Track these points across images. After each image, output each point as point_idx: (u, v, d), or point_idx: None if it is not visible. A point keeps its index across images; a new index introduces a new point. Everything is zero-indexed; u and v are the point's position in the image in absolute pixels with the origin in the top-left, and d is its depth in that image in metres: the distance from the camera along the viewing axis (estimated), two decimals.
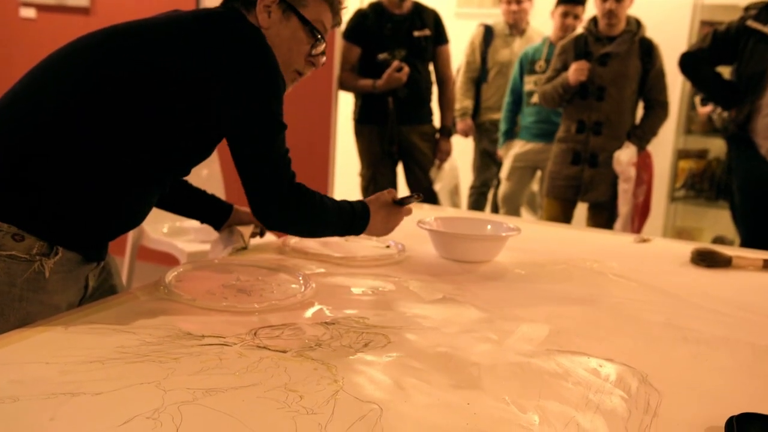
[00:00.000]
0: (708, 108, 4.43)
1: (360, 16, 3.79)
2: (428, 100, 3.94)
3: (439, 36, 3.82)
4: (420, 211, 2.51)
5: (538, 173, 4.40)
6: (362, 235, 1.68)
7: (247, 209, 1.78)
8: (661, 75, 3.53)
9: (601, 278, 1.78)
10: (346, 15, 3.80)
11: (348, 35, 3.78)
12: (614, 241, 2.28)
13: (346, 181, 4.51)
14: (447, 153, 3.94)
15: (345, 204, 1.61)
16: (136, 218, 1.47)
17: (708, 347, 1.37)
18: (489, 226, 1.96)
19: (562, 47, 3.69)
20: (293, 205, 1.48)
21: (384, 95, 3.69)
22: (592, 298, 1.62)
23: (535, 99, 4.20)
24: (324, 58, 1.56)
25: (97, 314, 1.33)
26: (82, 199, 1.35)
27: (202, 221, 1.83)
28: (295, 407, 1.03)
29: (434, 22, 3.80)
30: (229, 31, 1.38)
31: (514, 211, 4.46)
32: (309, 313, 1.42)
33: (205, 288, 1.51)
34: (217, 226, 1.84)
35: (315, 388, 1.09)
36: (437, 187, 3.97)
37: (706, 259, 1.94)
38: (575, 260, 1.93)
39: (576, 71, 3.48)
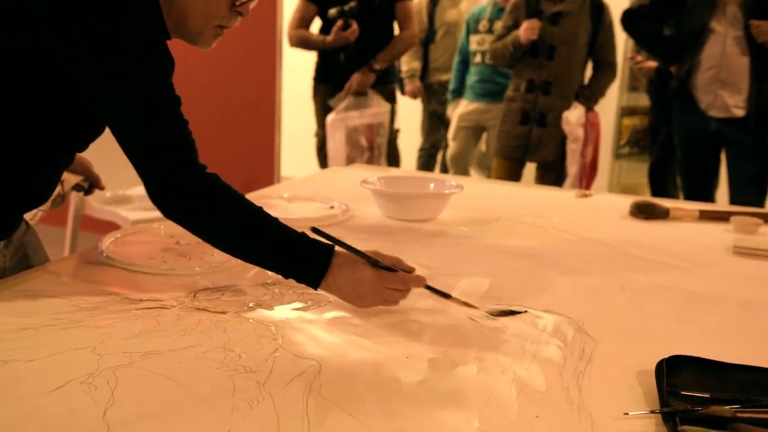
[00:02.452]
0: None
1: None
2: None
3: None
4: (364, 170, 2.50)
5: (485, 133, 4.42)
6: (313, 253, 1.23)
7: (86, 160, 1.57)
8: (610, 35, 3.54)
9: (542, 232, 1.81)
10: None
11: None
12: (557, 196, 2.30)
13: (302, 143, 4.45)
14: (357, 83, 3.62)
15: (292, 230, 1.23)
16: (32, 198, 1.32)
17: (644, 295, 1.40)
18: (432, 185, 1.96)
19: (513, 4, 3.68)
20: (194, 191, 1.19)
21: (336, 52, 3.61)
22: (532, 252, 1.64)
23: (478, 59, 4.20)
24: (253, 3, 1.30)
25: (30, 282, 1.30)
26: None
27: None
28: (233, 366, 1.03)
29: None
30: None
31: (463, 172, 4.48)
32: (250, 274, 1.41)
33: (144, 253, 1.49)
34: None
35: (254, 347, 1.09)
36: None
37: (644, 212, 1.98)
38: (518, 216, 1.95)
39: (527, 30, 3.48)
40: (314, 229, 1.25)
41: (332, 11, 3.56)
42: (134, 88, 1.15)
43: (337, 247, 1.22)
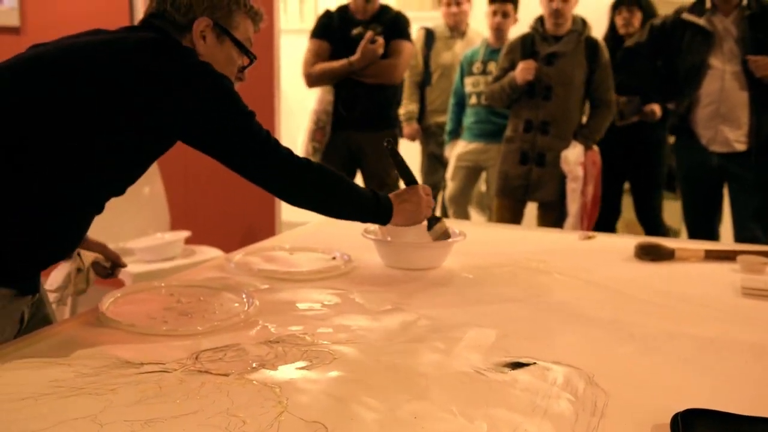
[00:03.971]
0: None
1: (326, 17, 3.75)
2: (389, 104, 3.86)
3: (392, 32, 3.72)
4: None
5: (483, 173, 4.41)
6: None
7: (98, 241, 1.66)
8: (606, 74, 3.55)
9: (546, 278, 1.79)
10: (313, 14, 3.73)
11: (315, 34, 3.74)
12: (560, 239, 2.29)
13: None
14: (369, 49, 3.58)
15: (362, 189, 1.66)
16: (70, 245, 1.44)
17: (653, 342, 1.37)
18: None
19: (509, 46, 3.70)
20: (297, 171, 1.50)
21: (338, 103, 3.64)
22: (538, 299, 1.62)
23: (474, 100, 4.22)
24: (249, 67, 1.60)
25: (30, 347, 1.28)
26: (9, 232, 1.30)
27: None
28: None
29: (392, 20, 3.72)
30: (171, 55, 1.37)
31: (462, 212, 4.47)
32: (253, 332, 1.39)
33: (144, 312, 1.46)
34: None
35: (258, 411, 1.06)
36: None
37: (649, 253, 1.96)
38: (521, 261, 1.93)
39: (523, 70, 3.50)
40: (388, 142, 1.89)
41: (356, 30, 3.56)
42: (242, 129, 1.45)
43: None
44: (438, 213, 4.90)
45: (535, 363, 1.25)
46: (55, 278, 1.61)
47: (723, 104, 3.22)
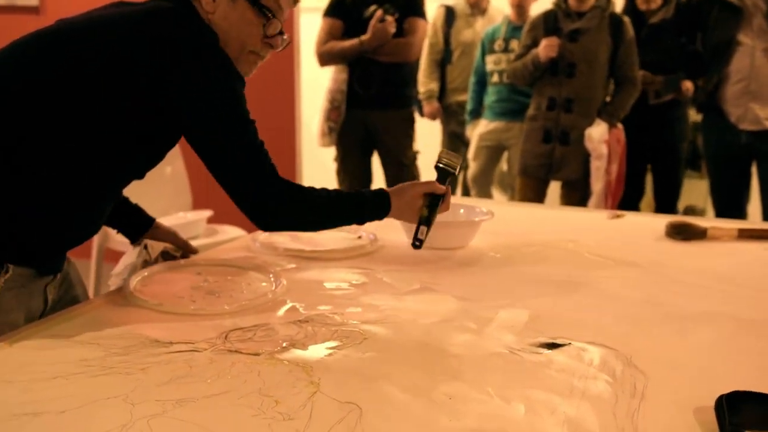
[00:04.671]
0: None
1: None
2: (406, 82, 3.81)
3: (407, 10, 3.68)
4: None
5: (505, 153, 4.37)
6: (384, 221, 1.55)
7: (169, 227, 1.67)
8: (631, 50, 3.48)
9: (578, 257, 1.76)
10: None
11: (328, 12, 3.70)
12: (588, 218, 2.25)
13: (321, 172, 4.44)
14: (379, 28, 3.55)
15: (345, 191, 1.55)
16: (90, 227, 1.40)
17: (691, 323, 1.34)
18: (461, 211, 1.92)
19: (531, 23, 3.64)
20: (285, 198, 1.38)
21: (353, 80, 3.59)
22: (570, 279, 1.59)
23: (496, 78, 4.16)
24: (283, 39, 1.45)
25: (59, 326, 1.27)
26: (28, 213, 1.28)
27: (119, 230, 1.67)
28: (270, 413, 0.98)
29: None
30: (177, 28, 1.29)
31: (484, 192, 4.43)
32: (281, 311, 1.37)
33: (172, 291, 1.45)
34: (133, 238, 1.66)
35: (291, 392, 1.05)
36: None
37: (681, 233, 1.92)
38: (550, 240, 1.89)
39: (546, 47, 3.44)
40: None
41: (370, 10, 3.52)
42: (229, 122, 1.32)
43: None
44: (460, 192, 4.88)
45: (569, 343, 1.22)
46: (120, 270, 1.58)
47: (753, 81, 3.16)
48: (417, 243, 1.53)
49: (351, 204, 1.49)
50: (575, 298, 1.48)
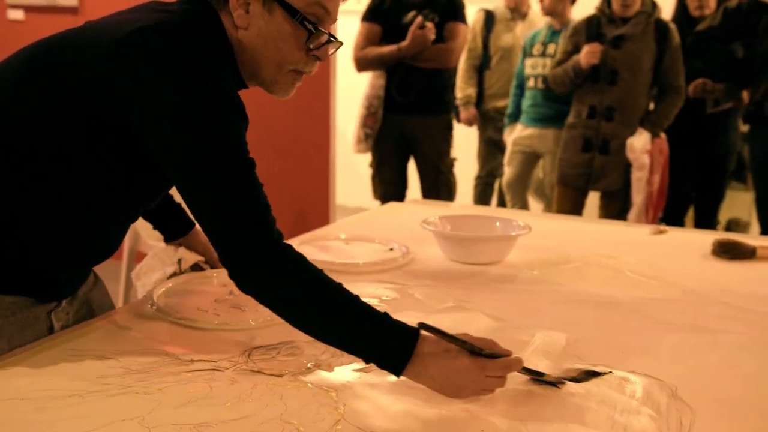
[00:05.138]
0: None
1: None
2: (445, 88, 3.73)
3: (447, 15, 3.56)
4: (422, 206, 2.41)
5: (540, 159, 4.28)
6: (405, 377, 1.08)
7: (203, 236, 1.55)
8: (676, 58, 3.37)
9: (618, 276, 1.68)
10: None
11: (367, 17, 3.65)
12: (629, 233, 2.16)
13: (355, 178, 4.40)
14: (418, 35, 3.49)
15: (374, 310, 1.11)
16: (97, 253, 1.28)
17: (740, 353, 1.26)
18: (498, 224, 1.85)
19: (573, 29, 3.56)
20: (273, 265, 1.10)
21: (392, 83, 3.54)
22: (610, 300, 1.51)
23: (531, 83, 4.09)
24: (334, 47, 1.24)
25: (78, 339, 1.23)
26: (18, 237, 1.17)
27: (155, 227, 1.58)
28: None
29: (447, 2, 3.60)
30: (163, 49, 1.08)
31: (520, 198, 4.35)
32: None
33: (196, 304, 1.41)
34: (168, 238, 1.58)
35: (314, 419, 1.00)
36: None
37: (728, 251, 1.83)
38: (589, 257, 1.82)
39: (588, 54, 3.35)
40: (421, 325, 1.08)
41: (409, 15, 3.47)
42: (211, 161, 1.09)
43: (423, 332, 1.07)
44: (495, 199, 4.81)
45: (610, 372, 1.15)
46: (148, 279, 1.53)
47: None
48: None
49: (365, 323, 1.09)
50: (616, 322, 1.40)
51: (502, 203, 4.68)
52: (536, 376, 1.12)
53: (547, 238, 1.96)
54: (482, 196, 4.74)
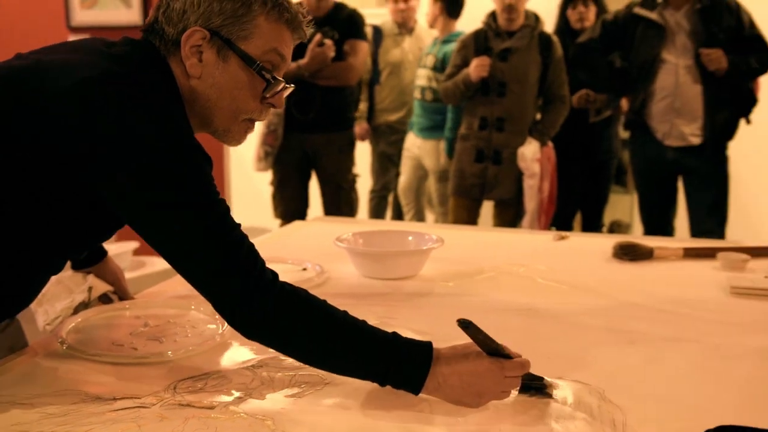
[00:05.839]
0: None
1: None
2: (346, 105, 3.71)
3: (347, 32, 3.55)
4: (329, 224, 2.39)
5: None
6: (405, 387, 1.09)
7: (117, 265, 1.52)
8: (560, 69, 3.51)
9: (531, 284, 1.72)
10: None
11: None
12: (533, 240, 2.22)
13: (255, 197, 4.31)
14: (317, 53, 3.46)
15: (382, 332, 1.12)
16: (19, 303, 1.21)
17: (657, 350, 1.32)
18: (410, 238, 1.86)
19: (461, 42, 3.63)
20: (275, 307, 1.07)
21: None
22: (528, 308, 1.55)
23: (417, 94, 4.18)
24: (287, 92, 1.23)
25: None
26: None
27: None
28: None
29: (347, 20, 3.60)
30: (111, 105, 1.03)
31: (414, 205, 4.44)
32: (231, 356, 1.28)
33: (110, 338, 1.34)
34: (77, 265, 1.49)
35: None
36: None
37: (629, 253, 1.91)
38: (500, 266, 1.85)
39: (477, 67, 3.43)
40: (463, 321, 1.10)
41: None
42: (183, 212, 1.05)
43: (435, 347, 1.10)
44: (390, 209, 4.85)
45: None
46: (52, 306, 1.44)
47: (677, 98, 3.23)
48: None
49: (370, 342, 1.10)
50: (536, 328, 1.44)
51: (397, 216, 4.73)
52: (537, 381, 1.14)
53: (457, 250, 1.98)
54: (377, 209, 4.77)
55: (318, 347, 1.10)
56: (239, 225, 1.11)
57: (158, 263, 3.07)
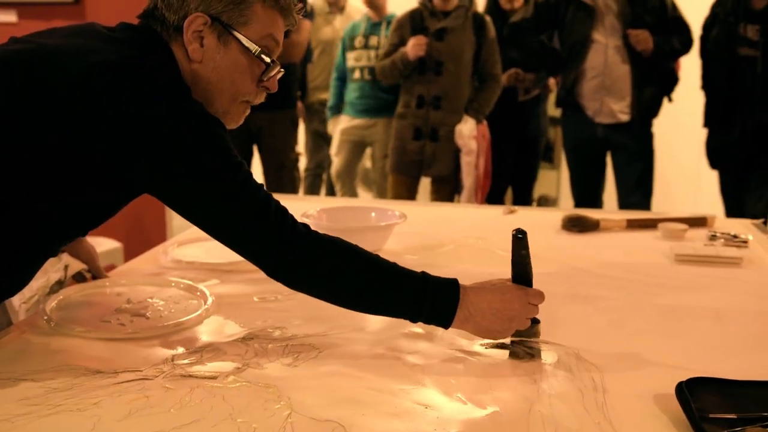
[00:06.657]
0: None
1: None
2: (290, 82, 3.71)
3: None
4: (290, 201, 2.41)
5: (368, 149, 4.41)
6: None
7: (92, 245, 1.53)
8: (493, 49, 3.61)
9: (491, 255, 1.80)
10: None
11: None
12: (485, 214, 2.32)
13: None
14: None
15: (414, 272, 1.21)
16: (16, 285, 1.23)
17: (621, 313, 1.42)
18: (373, 214, 1.92)
19: (398, 21, 3.69)
20: (312, 252, 1.16)
21: None
22: (492, 276, 1.62)
23: (357, 75, 4.20)
24: (280, 75, 1.27)
25: None
26: None
27: None
28: None
29: None
30: (139, 84, 1.08)
31: (349, 188, 4.46)
32: (220, 329, 1.31)
33: (95, 315, 1.35)
34: None
35: (264, 415, 1.01)
36: None
37: (577, 225, 2.02)
38: (459, 239, 1.93)
39: (414, 46, 3.50)
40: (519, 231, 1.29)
41: None
42: (217, 184, 1.12)
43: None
44: (324, 190, 4.88)
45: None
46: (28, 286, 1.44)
47: (607, 77, 3.37)
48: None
49: (404, 280, 1.20)
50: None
51: (330, 194, 4.77)
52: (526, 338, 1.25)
53: (415, 225, 2.05)
54: (312, 187, 4.80)
55: (355, 288, 1.19)
56: (262, 185, 1.17)
57: (104, 243, 3.04)
